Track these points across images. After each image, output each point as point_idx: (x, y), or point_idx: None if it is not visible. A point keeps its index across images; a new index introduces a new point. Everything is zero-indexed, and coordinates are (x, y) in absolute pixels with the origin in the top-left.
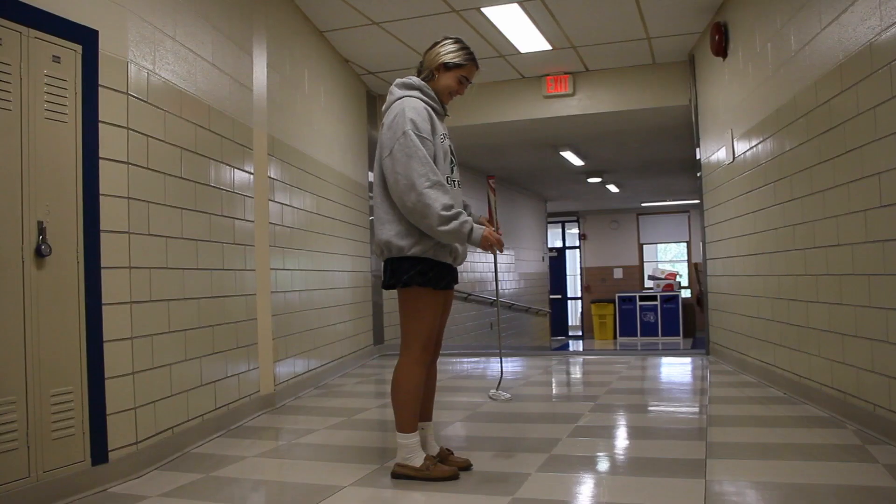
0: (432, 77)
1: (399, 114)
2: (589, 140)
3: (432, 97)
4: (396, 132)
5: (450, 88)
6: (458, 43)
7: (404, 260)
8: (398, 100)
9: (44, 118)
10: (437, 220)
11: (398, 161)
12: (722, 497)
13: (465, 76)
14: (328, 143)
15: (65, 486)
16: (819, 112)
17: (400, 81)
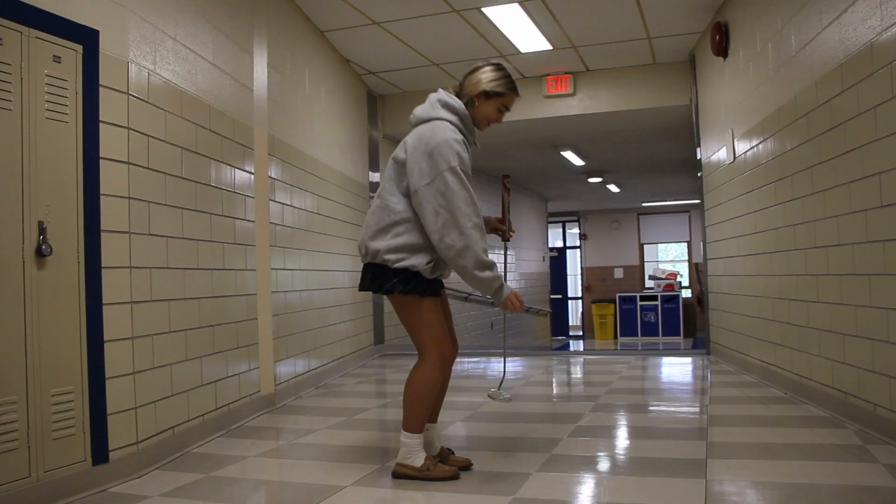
0: (472, 103)
1: (443, 144)
2: (589, 140)
3: (469, 127)
4: (440, 164)
5: (489, 117)
6: (500, 70)
7: (387, 268)
8: (438, 120)
9: (44, 118)
10: (475, 264)
11: (442, 195)
12: (722, 497)
13: (504, 105)
14: (329, 143)
15: (65, 485)
16: (819, 112)
17: (443, 99)
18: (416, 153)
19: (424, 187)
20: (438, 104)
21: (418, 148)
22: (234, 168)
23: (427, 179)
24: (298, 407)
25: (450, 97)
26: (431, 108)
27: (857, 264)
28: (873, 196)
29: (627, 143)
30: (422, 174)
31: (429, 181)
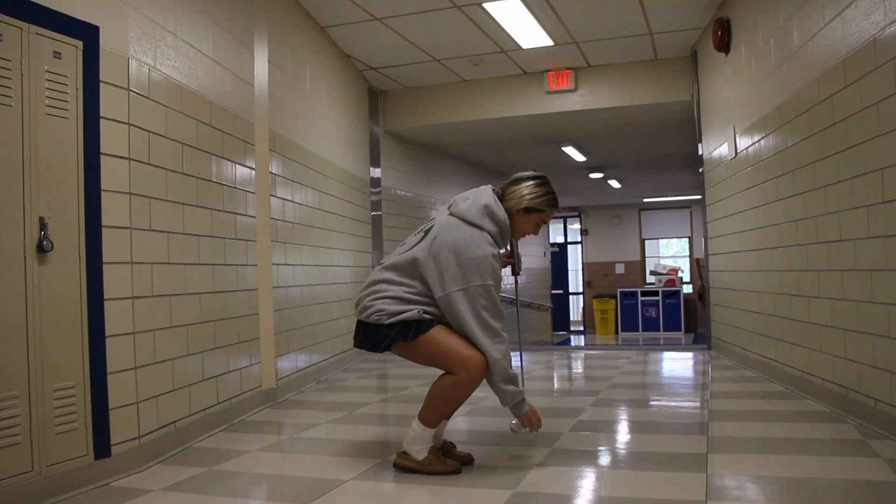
0: (511, 216)
1: (482, 259)
2: (591, 135)
3: (506, 238)
4: (473, 277)
5: (525, 231)
6: (543, 186)
7: (380, 326)
8: (479, 230)
9: (45, 114)
10: (502, 377)
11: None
12: (723, 491)
13: (542, 220)
14: (329, 139)
15: (68, 480)
16: (822, 108)
17: (491, 208)
18: (448, 257)
19: (457, 292)
20: (485, 212)
21: (451, 254)
22: (234, 164)
23: (460, 286)
24: (300, 402)
25: (497, 206)
26: (478, 214)
27: (858, 260)
28: (875, 192)
29: (629, 138)
30: (454, 279)
31: (462, 287)
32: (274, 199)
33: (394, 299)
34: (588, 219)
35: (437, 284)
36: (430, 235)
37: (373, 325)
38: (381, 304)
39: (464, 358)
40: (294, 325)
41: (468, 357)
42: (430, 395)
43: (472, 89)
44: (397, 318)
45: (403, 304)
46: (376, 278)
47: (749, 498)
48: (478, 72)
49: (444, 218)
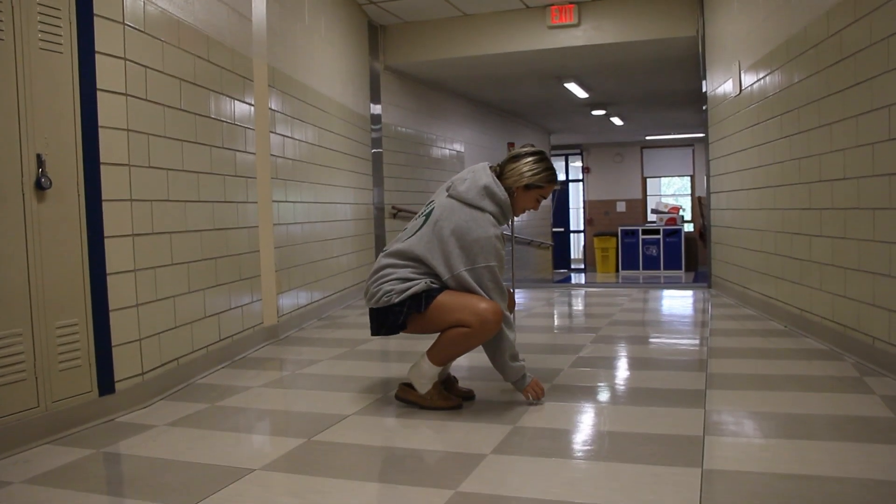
0: (511, 193)
1: (485, 240)
2: (594, 72)
3: (508, 216)
4: (478, 258)
5: (526, 207)
6: (542, 162)
7: (390, 308)
8: (481, 212)
9: (38, 48)
10: (509, 353)
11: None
12: (720, 426)
13: (542, 195)
14: (329, 75)
15: (73, 415)
16: (830, 43)
17: (490, 188)
18: (452, 240)
19: (466, 272)
20: (485, 192)
21: (455, 237)
22: (233, 100)
23: (467, 266)
24: (301, 338)
25: (497, 186)
26: (478, 195)
27: (861, 198)
28: (881, 129)
29: (632, 75)
30: (460, 260)
31: (468, 268)
32: (273, 136)
33: (399, 279)
34: (590, 156)
35: (443, 267)
36: (431, 219)
37: (384, 308)
38: (387, 286)
39: (478, 310)
40: (295, 262)
41: (483, 309)
42: (443, 338)
43: (473, 24)
44: (405, 294)
45: (409, 281)
46: (380, 265)
47: (746, 433)
48: (479, 6)
49: (444, 200)
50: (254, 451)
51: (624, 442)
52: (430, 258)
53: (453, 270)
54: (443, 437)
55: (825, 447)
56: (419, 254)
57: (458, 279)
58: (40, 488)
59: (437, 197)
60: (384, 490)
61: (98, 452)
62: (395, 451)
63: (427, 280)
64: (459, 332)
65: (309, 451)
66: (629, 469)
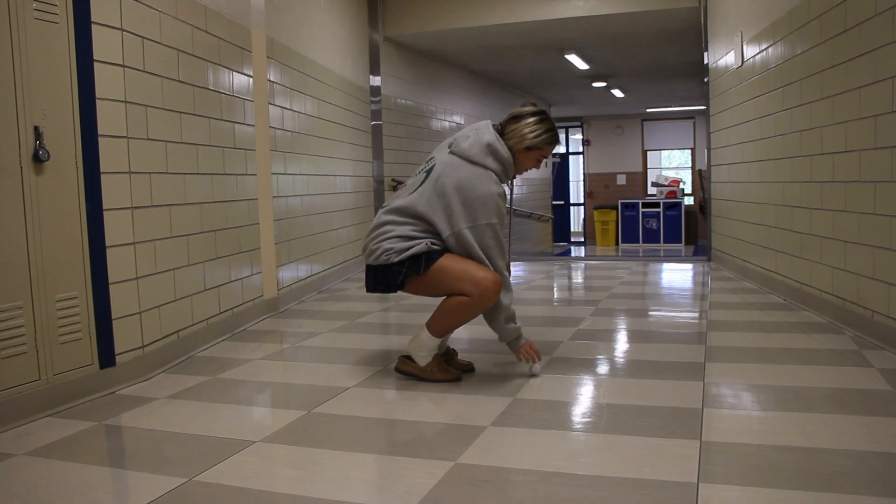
0: (512, 153)
1: (487, 197)
2: (594, 43)
3: (509, 175)
4: (480, 216)
5: (527, 167)
6: (545, 122)
7: (391, 266)
8: (484, 169)
9: (33, 18)
10: (505, 314)
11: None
12: (719, 398)
13: (543, 155)
14: (328, 46)
15: (74, 388)
16: (834, 13)
17: (493, 146)
18: (454, 197)
19: (468, 229)
20: (488, 150)
21: (458, 194)
22: (232, 71)
23: (468, 223)
24: (301, 311)
25: (500, 144)
26: (481, 152)
27: (863, 171)
28: (884, 101)
29: (633, 46)
30: (461, 217)
31: (470, 225)
32: (272, 108)
33: (399, 238)
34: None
35: (444, 223)
36: (432, 175)
37: (383, 266)
38: (387, 245)
39: (477, 279)
40: (295, 235)
41: (482, 278)
42: (443, 307)
43: None
44: (406, 254)
45: (410, 241)
46: (380, 221)
47: (744, 405)
48: None
49: (446, 157)
50: (254, 424)
51: (623, 414)
52: (431, 215)
53: (454, 228)
54: (442, 409)
55: (823, 420)
56: (420, 210)
57: (458, 237)
58: (42, 460)
59: (437, 153)
60: (384, 461)
61: (99, 425)
62: (394, 423)
63: (428, 241)
64: (458, 301)
65: (309, 423)
66: (628, 441)
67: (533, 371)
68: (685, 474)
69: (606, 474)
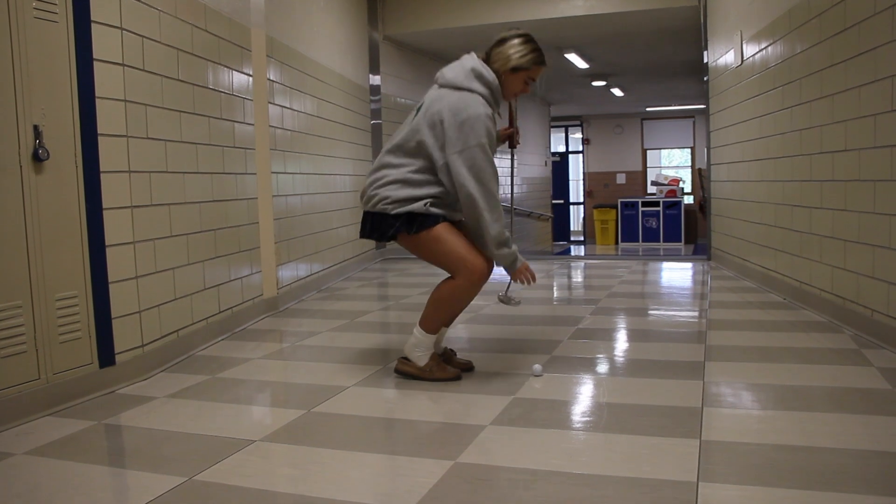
0: (499, 76)
1: (476, 119)
2: (594, 42)
3: (498, 100)
4: (470, 138)
5: (515, 91)
6: (528, 44)
7: (386, 216)
8: (470, 93)
9: (33, 17)
10: (496, 241)
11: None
12: (719, 398)
13: (531, 77)
14: (328, 45)
15: (74, 387)
16: (834, 12)
17: (478, 70)
18: (443, 122)
19: (455, 155)
20: (473, 74)
21: (447, 119)
22: (231, 70)
23: (458, 148)
24: (301, 310)
25: (485, 69)
26: (466, 78)
27: (862, 170)
28: (884, 100)
29: (633, 45)
30: (451, 143)
31: (460, 150)
32: (272, 107)
33: (398, 183)
34: (590, 128)
35: (437, 152)
36: (422, 109)
37: (379, 214)
38: (385, 192)
39: (465, 261)
40: (294, 234)
41: (471, 262)
42: (431, 300)
43: None
44: (403, 209)
45: (408, 187)
46: (378, 164)
47: (744, 405)
48: None
49: (434, 91)
50: (254, 423)
51: (623, 413)
52: (426, 142)
53: (446, 156)
54: (442, 409)
55: (823, 419)
56: (414, 145)
57: (448, 167)
58: (41, 460)
59: (428, 92)
60: (384, 461)
61: (99, 424)
62: (394, 422)
63: (427, 201)
64: (447, 291)
65: (309, 422)
66: (628, 440)
67: (534, 372)
68: (685, 473)
69: (606, 473)
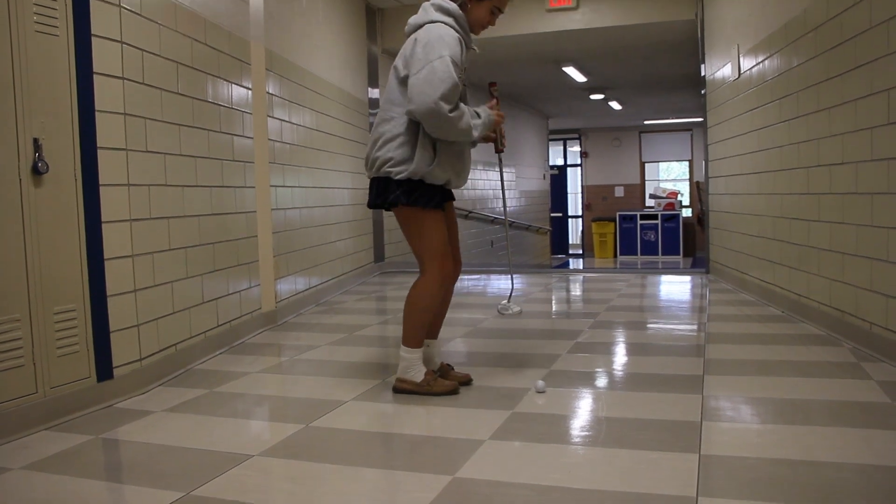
0: (464, 7)
1: (438, 38)
2: (592, 56)
3: (465, 28)
4: (430, 55)
5: (482, 21)
6: None
7: (390, 180)
8: (433, 23)
9: (34, 31)
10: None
11: (428, 81)
12: (718, 412)
13: (497, 7)
14: (327, 58)
15: (72, 401)
16: (829, 26)
17: (437, 3)
18: (415, 52)
19: (413, 76)
20: (432, 8)
21: (416, 47)
22: (230, 83)
23: (415, 69)
24: (299, 324)
25: (444, 1)
26: (425, 14)
27: (860, 183)
28: (880, 113)
29: (631, 59)
30: (409, 67)
31: (417, 70)
32: (271, 120)
33: (398, 138)
34: (588, 141)
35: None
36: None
37: (383, 179)
38: (386, 154)
39: (436, 259)
40: (293, 247)
41: (440, 262)
42: (405, 317)
43: None
44: (405, 173)
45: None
46: (376, 124)
47: (743, 419)
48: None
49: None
50: (252, 437)
51: (622, 427)
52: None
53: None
54: (440, 423)
55: (823, 433)
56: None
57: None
58: (39, 474)
59: None
60: (382, 476)
61: (96, 438)
62: (392, 436)
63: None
64: (412, 296)
65: (307, 436)
66: (627, 455)
67: (538, 388)
68: (684, 488)
69: (605, 488)
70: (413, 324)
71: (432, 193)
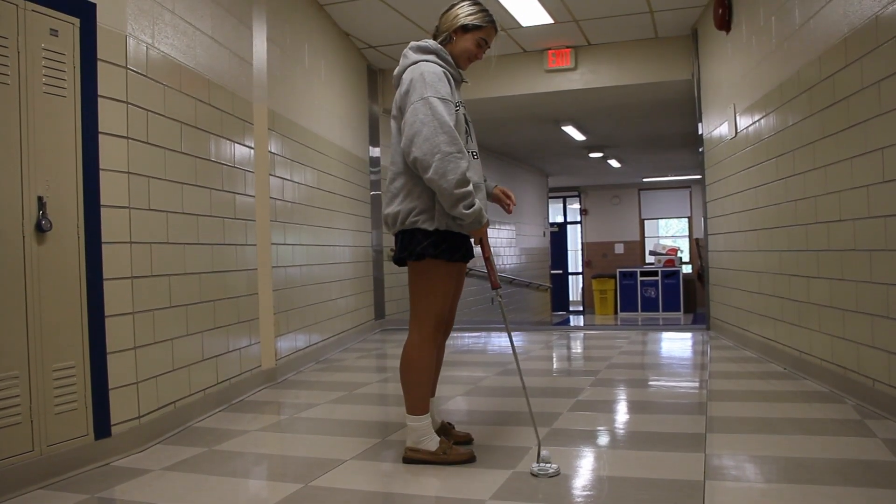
0: (450, 40)
1: (416, 79)
2: (591, 115)
3: (449, 62)
4: (412, 97)
5: (468, 52)
6: (477, 5)
7: (417, 231)
8: (413, 64)
9: (42, 92)
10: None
11: (414, 126)
12: (721, 470)
13: (483, 38)
14: (329, 118)
15: (69, 459)
16: (823, 86)
17: (415, 44)
18: (396, 101)
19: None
20: (411, 51)
21: (398, 94)
22: (233, 143)
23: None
24: (299, 382)
25: (421, 41)
26: (405, 59)
27: (858, 240)
28: (876, 171)
29: (629, 117)
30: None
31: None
32: (273, 179)
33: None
34: (587, 198)
35: None
36: None
37: (409, 231)
38: (408, 205)
39: (433, 320)
40: (293, 305)
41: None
42: (404, 385)
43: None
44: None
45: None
46: (389, 180)
47: (747, 477)
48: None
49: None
50: (251, 497)
51: (624, 487)
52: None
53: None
54: (441, 483)
55: (827, 492)
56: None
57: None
58: None
59: None
60: None
61: (92, 498)
62: (393, 497)
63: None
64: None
65: (306, 496)
66: None
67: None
68: None
69: None
70: (414, 389)
71: (458, 246)
